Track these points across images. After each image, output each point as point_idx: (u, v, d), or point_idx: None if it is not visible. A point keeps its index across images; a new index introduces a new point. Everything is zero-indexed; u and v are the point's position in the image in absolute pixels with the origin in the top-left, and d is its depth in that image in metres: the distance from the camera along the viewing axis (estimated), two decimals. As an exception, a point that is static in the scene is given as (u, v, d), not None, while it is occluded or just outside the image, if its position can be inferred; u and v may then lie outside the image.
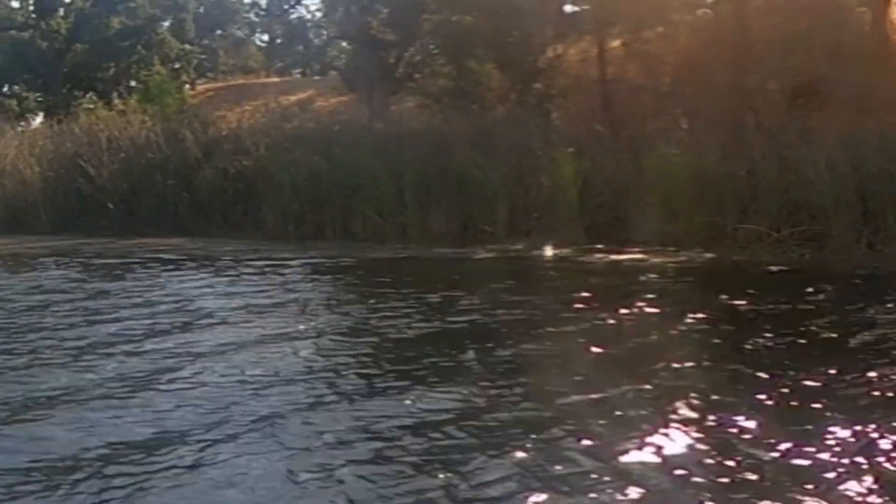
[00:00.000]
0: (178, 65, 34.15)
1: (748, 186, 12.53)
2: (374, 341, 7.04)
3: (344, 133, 17.12)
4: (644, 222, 12.80)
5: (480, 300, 8.58)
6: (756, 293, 8.71)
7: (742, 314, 7.84)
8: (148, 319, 7.79)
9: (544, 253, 12.61)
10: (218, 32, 39.90)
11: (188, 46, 35.27)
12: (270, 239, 15.14)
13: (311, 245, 14.17)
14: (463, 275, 11.00)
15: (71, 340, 6.92)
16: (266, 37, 44.41)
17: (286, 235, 15.38)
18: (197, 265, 11.85)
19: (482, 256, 12.53)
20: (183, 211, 16.82)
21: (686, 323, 7.41)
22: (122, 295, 9.33)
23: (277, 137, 17.12)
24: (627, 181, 13.33)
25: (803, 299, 8.39)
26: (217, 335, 7.13)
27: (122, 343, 6.82)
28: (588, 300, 8.48)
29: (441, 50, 19.40)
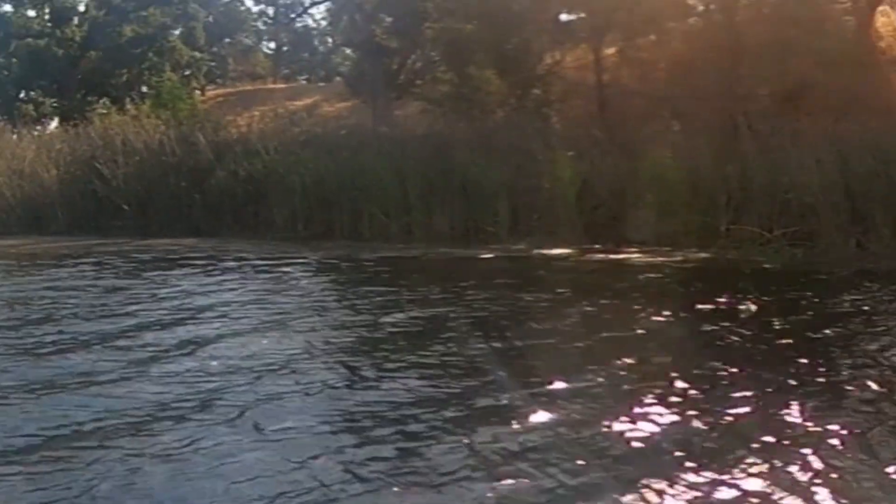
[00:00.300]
0: (189, 71, 34.44)
1: (740, 188, 12.61)
2: (377, 334, 7.13)
3: (350, 137, 17.32)
4: (640, 223, 12.94)
5: (483, 296, 8.68)
6: (748, 290, 8.73)
7: (732, 311, 7.84)
8: (157, 313, 7.92)
9: (545, 252, 12.68)
10: (227, 40, 40.19)
11: (198, 54, 35.55)
12: (280, 239, 15.23)
13: (320, 244, 14.23)
14: (466, 273, 11.00)
15: (83, 333, 7.04)
16: (273, 44, 44.72)
17: (296, 235, 15.50)
18: (208, 264, 11.82)
19: (485, 256, 12.64)
20: (195, 212, 16.95)
21: (679, 318, 7.57)
22: (135, 291, 9.46)
23: (286, 141, 17.28)
24: (624, 183, 13.44)
25: (794, 296, 8.53)
26: (220, 328, 7.23)
27: (130, 334, 6.99)
28: (584, 297, 8.61)
29: (443, 57, 19.52)
